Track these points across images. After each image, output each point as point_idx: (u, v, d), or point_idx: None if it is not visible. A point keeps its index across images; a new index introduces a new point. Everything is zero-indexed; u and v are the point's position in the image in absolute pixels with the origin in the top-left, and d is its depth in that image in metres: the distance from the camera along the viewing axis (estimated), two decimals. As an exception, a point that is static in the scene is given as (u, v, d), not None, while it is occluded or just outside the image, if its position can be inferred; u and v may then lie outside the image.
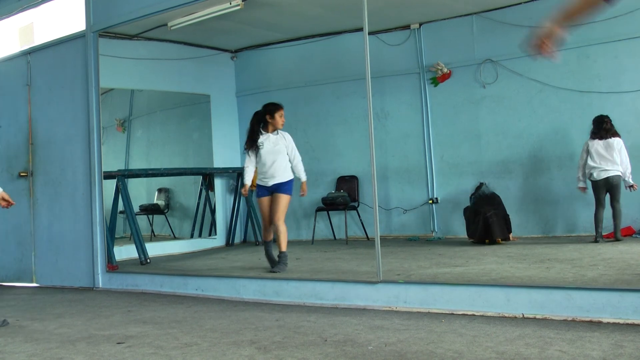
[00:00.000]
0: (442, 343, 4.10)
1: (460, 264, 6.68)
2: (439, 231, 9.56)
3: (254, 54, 11.07)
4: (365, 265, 6.86)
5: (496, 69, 9.22)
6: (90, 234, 7.75)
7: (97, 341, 4.69)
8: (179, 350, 4.29)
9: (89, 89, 7.78)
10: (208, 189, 10.68)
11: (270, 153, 7.14)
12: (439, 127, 9.67)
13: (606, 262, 6.13)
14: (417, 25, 9.78)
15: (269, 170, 7.13)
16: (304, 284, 6.06)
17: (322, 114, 10.57)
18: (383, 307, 5.47)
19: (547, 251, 7.31)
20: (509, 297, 4.91)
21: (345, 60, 10.06)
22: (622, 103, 8.42)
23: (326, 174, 10.46)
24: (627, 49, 8.41)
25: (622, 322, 4.38)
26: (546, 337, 4.09)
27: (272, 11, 8.84)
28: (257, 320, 5.23)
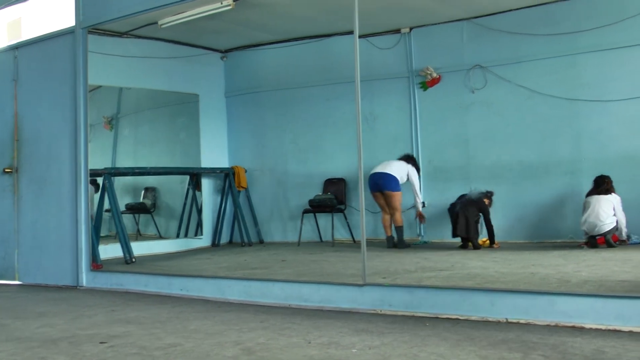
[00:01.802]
0: (426, 347, 4.11)
1: (445, 268, 6.69)
2: (426, 235, 9.57)
3: (244, 54, 11.05)
4: (351, 268, 6.86)
5: (485, 74, 9.25)
6: (75, 232, 7.71)
7: (80, 341, 4.66)
8: (162, 350, 4.27)
9: (76, 85, 7.75)
10: (195, 189, 10.66)
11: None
12: (427, 132, 9.68)
13: (590, 269, 6.16)
14: (407, 30, 9.80)
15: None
16: (289, 285, 6.05)
17: (311, 116, 10.57)
18: (368, 310, 5.47)
19: (532, 257, 7.33)
20: (494, 302, 4.92)
21: (335, 62, 10.06)
22: (608, 112, 8.47)
23: (314, 176, 10.46)
24: (615, 58, 8.46)
25: (605, 328, 4.40)
26: (529, 342, 4.10)
27: (263, 12, 8.83)
28: (242, 321, 5.21)
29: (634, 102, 8.32)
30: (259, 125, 11.01)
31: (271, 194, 10.92)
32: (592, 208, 7.84)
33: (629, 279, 5.45)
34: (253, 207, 10.83)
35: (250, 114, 11.07)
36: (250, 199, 10.86)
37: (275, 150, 10.89)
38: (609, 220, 7.80)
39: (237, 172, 10.73)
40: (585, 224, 7.90)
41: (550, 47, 8.79)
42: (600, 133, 8.56)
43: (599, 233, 7.83)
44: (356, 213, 9.57)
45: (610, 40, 8.38)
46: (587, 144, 8.64)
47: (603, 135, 8.53)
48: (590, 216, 7.84)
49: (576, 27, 8.61)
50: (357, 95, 5.94)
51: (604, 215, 7.78)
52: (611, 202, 7.85)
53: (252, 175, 10.97)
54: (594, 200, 7.88)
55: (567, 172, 8.75)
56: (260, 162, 10.98)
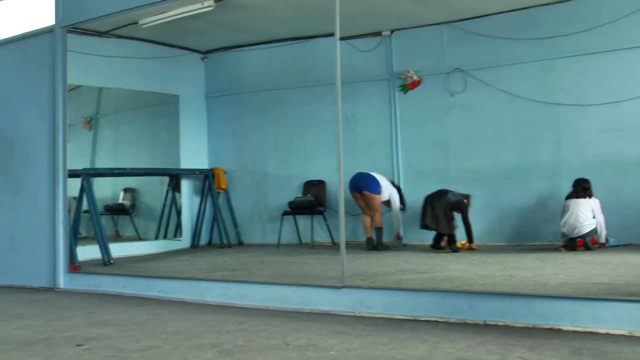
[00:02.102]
0: (405, 349, 4.11)
1: (424, 270, 6.70)
2: (405, 238, 9.58)
3: (225, 55, 11.03)
4: (330, 270, 6.85)
5: (465, 78, 9.29)
6: (52, 233, 7.64)
7: (57, 343, 4.62)
8: (140, 353, 4.24)
9: (55, 85, 7.69)
10: (174, 190, 10.62)
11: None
12: (407, 134, 9.71)
13: (568, 271, 6.20)
14: (388, 33, 9.82)
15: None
16: (268, 287, 6.04)
17: (291, 118, 10.57)
18: (347, 312, 5.46)
19: (510, 259, 7.36)
20: (472, 304, 4.94)
21: (316, 64, 10.06)
22: (586, 116, 8.55)
23: (294, 178, 10.45)
24: (593, 63, 8.55)
25: (581, 330, 4.43)
26: (507, 344, 4.12)
27: (244, 13, 8.82)
28: (220, 323, 5.19)
29: (612, 106, 8.39)
30: (239, 126, 10.99)
31: (251, 195, 10.90)
32: (571, 210, 7.89)
33: (606, 281, 5.49)
34: (233, 208, 10.81)
35: (231, 115, 11.05)
36: (229, 200, 10.83)
37: (255, 151, 10.87)
38: (588, 222, 7.86)
39: (216, 173, 10.70)
40: (565, 226, 7.96)
41: (530, 51, 8.85)
42: (579, 137, 8.62)
43: (579, 235, 7.89)
44: (336, 215, 9.57)
45: (589, 45, 8.46)
46: (565, 148, 8.70)
47: (581, 140, 8.60)
48: (570, 218, 7.89)
49: (556, 31, 8.67)
50: (337, 97, 5.94)
51: (583, 217, 7.84)
52: (590, 205, 7.91)
53: (231, 177, 10.94)
54: (573, 203, 7.94)
55: (546, 175, 8.81)
56: (240, 164, 10.96)
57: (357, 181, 9.04)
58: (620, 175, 8.37)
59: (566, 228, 7.96)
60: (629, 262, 6.71)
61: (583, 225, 7.86)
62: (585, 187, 8.01)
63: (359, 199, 9.07)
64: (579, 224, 7.85)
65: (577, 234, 7.90)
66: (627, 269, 6.27)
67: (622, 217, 8.30)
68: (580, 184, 8.03)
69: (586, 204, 7.92)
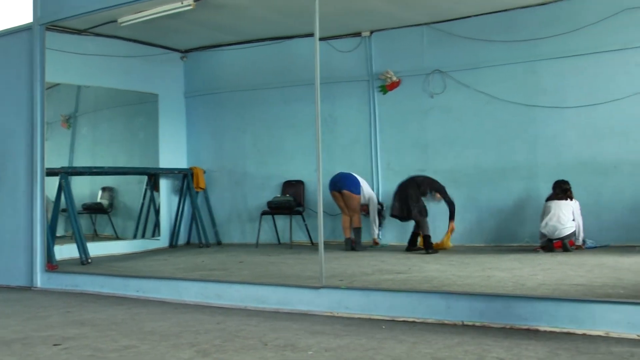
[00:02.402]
0: (382, 349, 4.12)
1: (402, 271, 6.72)
2: (384, 238, 9.60)
3: (204, 55, 11.00)
4: (308, 270, 6.86)
5: (444, 79, 9.33)
6: (30, 232, 7.58)
7: (33, 342, 4.59)
8: (117, 352, 4.22)
9: (33, 83, 7.63)
10: (153, 190, 10.58)
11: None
12: (386, 135, 9.73)
13: (545, 272, 6.24)
14: (368, 33, 9.84)
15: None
16: (246, 287, 6.03)
17: (270, 117, 10.55)
18: (325, 312, 5.47)
19: (488, 260, 7.40)
20: (450, 305, 4.96)
21: (295, 65, 10.06)
22: (565, 118, 8.61)
23: (272, 178, 10.44)
24: (572, 65, 8.60)
25: (559, 331, 4.46)
26: (484, 345, 4.14)
27: (224, 13, 8.79)
28: (198, 323, 5.18)
29: (590, 109, 8.46)
30: (219, 126, 10.97)
31: (230, 195, 10.88)
32: (553, 212, 7.95)
33: (583, 282, 5.54)
34: (211, 208, 10.78)
35: (210, 114, 11.02)
36: (208, 200, 10.80)
37: (234, 151, 10.85)
38: (569, 225, 7.93)
39: (195, 172, 10.67)
40: (546, 227, 8.01)
41: (509, 53, 8.89)
42: (557, 139, 8.68)
43: (559, 237, 7.94)
44: (314, 215, 9.57)
45: (568, 48, 8.52)
46: (543, 149, 8.76)
47: (559, 141, 8.66)
48: (551, 220, 7.94)
49: (535, 34, 8.72)
50: (316, 97, 5.94)
51: (564, 219, 7.90)
52: (571, 207, 7.97)
53: (210, 176, 10.91)
54: (555, 205, 7.99)
55: (524, 177, 8.87)
56: (219, 163, 10.93)
57: (337, 181, 9.06)
58: (599, 178, 8.44)
59: (547, 229, 8.01)
60: (606, 264, 6.77)
61: (564, 228, 7.92)
62: (565, 188, 8.07)
63: (339, 199, 9.08)
64: (560, 226, 7.91)
65: (558, 235, 7.96)
66: (603, 270, 6.33)
67: (601, 219, 8.36)
68: (560, 186, 8.09)
69: (567, 206, 7.98)
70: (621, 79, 8.33)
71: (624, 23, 8.22)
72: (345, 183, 9.03)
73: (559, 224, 7.92)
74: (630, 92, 8.23)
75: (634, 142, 8.26)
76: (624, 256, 7.30)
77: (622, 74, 8.34)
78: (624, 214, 8.27)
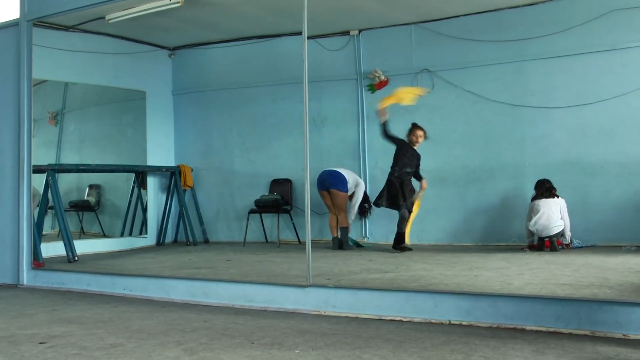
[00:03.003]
0: (369, 348, 4.12)
1: (390, 270, 6.72)
2: (371, 237, 9.61)
3: (192, 52, 10.97)
4: (295, 268, 6.85)
5: (432, 79, 9.34)
6: (16, 229, 7.54)
7: (19, 341, 4.57)
8: (103, 351, 4.21)
9: (20, 79, 7.58)
10: (140, 187, 10.54)
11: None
12: (374, 134, 9.72)
13: (532, 272, 6.26)
14: (356, 32, 9.84)
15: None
16: (233, 285, 6.03)
17: (258, 116, 10.54)
18: (312, 311, 5.47)
19: (475, 259, 7.42)
20: (437, 304, 4.97)
21: (283, 63, 10.05)
22: (552, 118, 8.64)
23: (260, 176, 10.43)
24: (560, 66, 8.63)
25: (545, 330, 4.48)
26: (471, 344, 4.15)
27: (212, 10, 8.78)
28: (185, 321, 5.17)
29: (577, 109, 8.50)
30: (206, 124, 10.95)
31: (217, 193, 10.87)
32: (542, 211, 7.97)
33: (569, 282, 5.55)
34: (199, 206, 10.76)
35: (198, 112, 11.00)
36: (196, 198, 10.78)
37: (222, 149, 10.83)
38: (558, 223, 7.96)
39: (183, 170, 10.64)
40: (535, 225, 8.03)
41: (497, 53, 8.92)
42: (544, 139, 8.72)
43: (548, 235, 7.97)
44: (302, 214, 9.56)
45: (556, 49, 8.55)
46: (530, 149, 8.79)
47: (546, 142, 8.70)
48: (541, 218, 7.97)
49: (523, 34, 8.75)
50: (305, 96, 5.94)
51: (554, 217, 7.93)
52: (559, 205, 8.01)
53: (198, 174, 10.89)
54: (544, 204, 8.02)
55: (511, 176, 8.90)
56: (207, 161, 10.91)
57: (324, 179, 9.06)
58: (586, 178, 8.47)
59: (536, 227, 8.03)
60: (592, 263, 6.79)
61: (554, 226, 7.96)
62: (549, 187, 8.10)
63: (327, 197, 9.08)
64: (551, 225, 7.94)
65: (547, 234, 7.99)
66: (590, 269, 6.35)
67: (588, 218, 8.40)
68: (544, 184, 8.13)
69: (556, 204, 8.01)
70: (608, 80, 8.37)
71: (611, 24, 8.26)
72: (332, 181, 9.03)
73: (548, 222, 7.95)
74: (618, 93, 8.27)
75: (621, 143, 8.30)
76: (611, 256, 7.33)
77: (609, 75, 8.37)
78: (611, 214, 8.31)
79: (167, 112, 11.03)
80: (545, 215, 7.96)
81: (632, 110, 8.25)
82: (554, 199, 8.04)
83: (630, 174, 8.24)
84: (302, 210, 9.52)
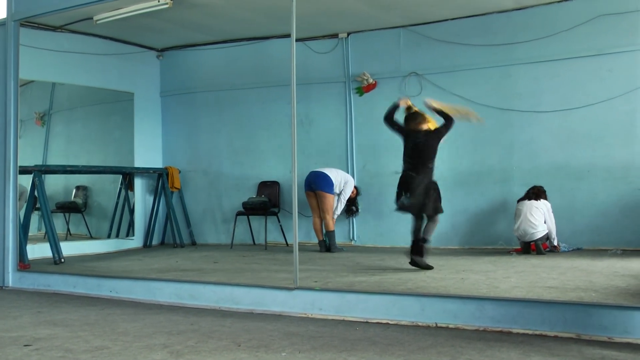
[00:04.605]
0: (355, 351, 4.12)
1: (377, 272, 6.73)
2: (358, 240, 9.62)
3: (181, 54, 10.95)
4: (283, 271, 6.85)
5: (421, 82, 9.35)
6: (2, 230, 7.50)
7: (3, 343, 4.54)
8: (89, 353, 4.19)
9: (7, 79, 7.54)
10: (127, 189, 10.51)
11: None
12: (362, 137, 9.74)
13: (519, 275, 6.28)
14: (345, 35, 9.85)
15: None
16: (220, 288, 6.01)
17: (246, 118, 10.53)
18: (299, 313, 5.46)
19: (463, 262, 7.44)
20: (424, 307, 4.97)
21: (271, 65, 10.04)
22: (540, 122, 8.67)
23: (248, 178, 10.42)
24: (547, 70, 8.67)
25: (531, 333, 4.49)
26: (457, 346, 4.16)
27: (201, 12, 8.76)
28: (172, 324, 5.15)
29: (564, 113, 8.53)
30: (194, 125, 10.92)
31: (205, 195, 10.85)
32: (523, 214, 8.01)
33: (555, 285, 5.58)
34: (186, 208, 10.74)
35: (186, 114, 10.97)
36: (183, 200, 10.76)
37: (209, 151, 10.81)
38: (540, 227, 7.98)
39: (170, 172, 10.62)
40: (517, 230, 8.07)
41: (485, 57, 8.95)
42: (532, 143, 8.75)
43: (531, 240, 8.00)
44: (290, 216, 9.55)
45: (543, 53, 8.59)
46: (518, 153, 8.82)
47: (534, 145, 8.73)
48: (522, 223, 8.01)
49: (511, 38, 8.78)
50: (293, 98, 5.94)
51: (535, 222, 7.96)
52: (541, 209, 8.03)
53: (185, 176, 10.87)
54: (524, 207, 8.06)
55: (499, 180, 8.92)
56: (195, 163, 10.89)
57: (311, 181, 9.06)
58: (573, 182, 8.51)
59: (519, 233, 8.07)
60: (579, 267, 6.82)
61: (536, 231, 7.98)
62: (536, 192, 8.14)
63: (312, 198, 9.08)
64: (531, 230, 7.97)
65: (530, 239, 8.02)
66: (576, 273, 6.38)
67: (574, 222, 8.44)
68: (534, 188, 8.18)
69: (537, 208, 8.03)
70: (595, 85, 8.41)
71: (598, 30, 8.30)
72: (319, 183, 9.03)
73: (529, 227, 7.98)
74: (604, 98, 8.31)
75: (607, 147, 8.34)
76: (596, 259, 7.36)
77: (595, 80, 8.42)
78: (597, 217, 8.35)
79: (155, 114, 11.00)
80: (526, 219, 7.98)
81: (618, 115, 8.29)
82: (536, 202, 8.06)
83: (616, 178, 8.28)
84: (290, 213, 9.51)
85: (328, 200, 8.99)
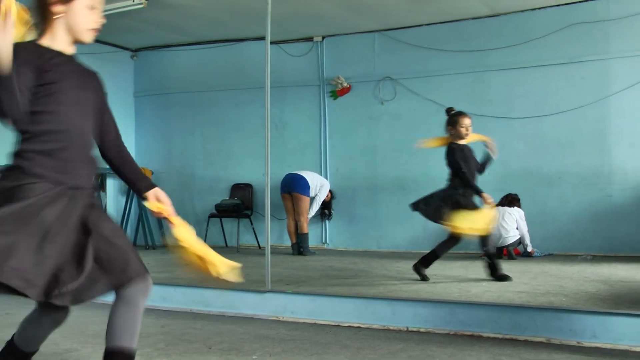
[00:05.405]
0: (326, 354, 4.12)
1: (349, 276, 6.74)
2: (331, 243, 9.63)
3: (155, 54, 10.91)
4: (255, 274, 6.80)
5: (395, 86, 9.40)
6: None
7: (-30, 342, 4.48)
8: (58, 356, 4.15)
9: (-23, 79, 7.45)
10: (100, 190, 10.43)
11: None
12: (336, 140, 9.76)
13: (490, 280, 6.31)
14: (319, 38, 9.87)
15: None
16: (191, 290, 5.97)
17: (220, 120, 10.51)
18: (270, 316, 5.45)
19: (434, 267, 7.41)
20: (395, 311, 4.98)
21: (246, 67, 10.03)
22: (512, 128, 8.75)
23: (221, 180, 10.40)
24: (520, 77, 8.77)
25: (501, 337, 4.51)
26: (428, 350, 4.17)
27: (176, 13, 8.74)
28: (142, 326, 5.06)
29: (536, 120, 8.62)
30: (168, 127, 10.88)
31: (177, 197, 10.73)
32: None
33: (526, 290, 5.62)
34: (158, 210, 10.66)
35: (159, 115, 10.93)
36: (156, 201, 10.68)
37: (182, 153, 10.78)
38: (512, 233, 8.05)
39: (143, 174, 10.54)
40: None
41: (459, 63, 9.01)
42: (504, 149, 8.75)
43: (503, 245, 8.06)
44: (262, 219, 9.54)
45: (516, 60, 8.68)
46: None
47: (507, 151, 8.76)
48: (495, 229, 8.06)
49: (485, 45, 8.85)
50: (266, 101, 5.92)
51: (507, 227, 8.02)
52: (513, 215, 8.09)
53: (158, 178, 10.80)
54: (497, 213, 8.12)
55: (471, 185, 8.96)
56: (168, 165, 10.85)
57: (287, 183, 9.06)
58: (544, 188, 8.60)
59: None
60: (549, 272, 6.88)
61: (508, 237, 8.05)
62: (510, 199, 8.21)
63: (288, 200, 9.08)
64: (503, 235, 8.03)
65: (502, 244, 8.08)
66: (546, 278, 6.43)
67: (545, 228, 8.52)
68: (507, 197, 8.25)
69: (509, 214, 8.10)
70: (567, 92, 8.51)
71: (570, 38, 8.40)
72: (295, 185, 9.03)
73: (501, 232, 8.04)
74: (576, 105, 8.41)
75: (579, 154, 8.44)
76: (567, 264, 7.44)
77: (567, 87, 8.51)
78: (568, 223, 8.44)
79: (128, 115, 10.94)
80: (498, 224, 8.04)
81: (590, 122, 8.39)
82: (509, 208, 8.13)
83: (586, 184, 8.38)
84: (263, 215, 9.50)
85: (304, 202, 8.99)
